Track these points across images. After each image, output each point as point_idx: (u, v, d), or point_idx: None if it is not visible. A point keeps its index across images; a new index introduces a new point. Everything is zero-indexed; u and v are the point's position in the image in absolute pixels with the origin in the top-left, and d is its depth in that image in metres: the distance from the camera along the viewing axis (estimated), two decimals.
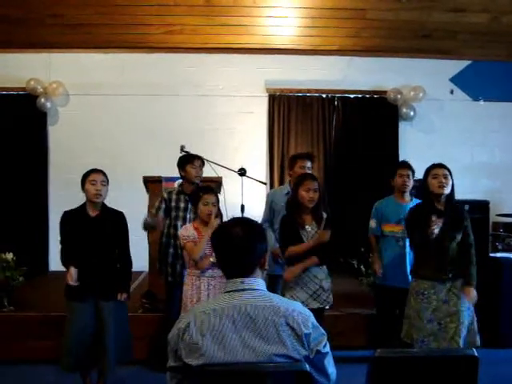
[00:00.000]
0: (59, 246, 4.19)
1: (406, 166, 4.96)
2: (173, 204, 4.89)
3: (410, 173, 4.92)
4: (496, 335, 5.41)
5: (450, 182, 4.15)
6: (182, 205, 4.89)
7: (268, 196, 5.46)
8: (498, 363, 4.89)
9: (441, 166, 4.21)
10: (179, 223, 4.83)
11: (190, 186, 4.92)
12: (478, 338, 4.15)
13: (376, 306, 5.23)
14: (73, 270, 4.03)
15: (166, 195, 4.94)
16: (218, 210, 4.35)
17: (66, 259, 4.13)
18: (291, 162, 5.31)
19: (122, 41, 7.65)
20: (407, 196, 4.95)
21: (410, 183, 4.92)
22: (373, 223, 5.02)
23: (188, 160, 4.96)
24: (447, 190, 4.13)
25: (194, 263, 4.15)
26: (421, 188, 4.39)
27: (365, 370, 2.31)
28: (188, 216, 4.83)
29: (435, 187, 4.13)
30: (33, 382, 4.65)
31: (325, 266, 4.34)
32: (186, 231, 4.24)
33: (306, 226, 4.28)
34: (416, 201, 4.82)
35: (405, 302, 4.32)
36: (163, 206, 4.91)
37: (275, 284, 4.74)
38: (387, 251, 4.94)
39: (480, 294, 4.25)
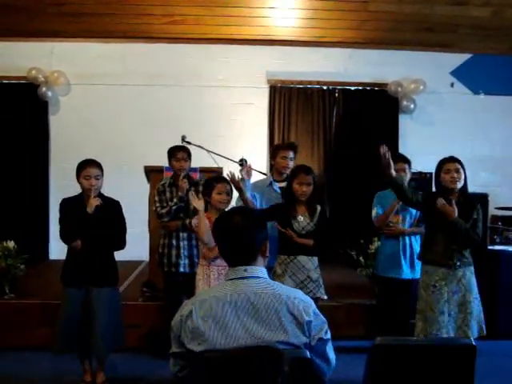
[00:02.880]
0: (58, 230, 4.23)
1: (402, 159, 4.94)
2: (167, 195, 4.92)
3: (406, 166, 4.90)
4: (494, 327, 5.44)
5: (463, 176, 4.16)
6: (168, 195, 4.92)
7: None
8: (497, 354, 4.93)
9: (453, 159, 4.20)
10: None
11: (177, 178, 4.91)
12: (484, 327, 4.19)
13: (377, 296, 5.28)
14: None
15: (161, 187, 4.98)
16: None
17: (69, 235, 4.17)
18: (273, 151, 5.30)
19: (123, 30, 7.65)
20: None
21: (407, 177, 4.91)
22: (375, 211, 4.99)
23: (171, 153, 4.96)
24: (460, 185, 4.15)
25: (206, 252, 4.19)
26: (420, 180, 4.42)
27: (363, 359, 2.34)
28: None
29: (448, 182, 4.14)
30: (33, 368, 4.67)
31: (315, 258, 4.36)
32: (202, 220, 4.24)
33: (299, 217, 4.32)
34: None
35: (402, 294, 4.35)
36: (162, 195, 4.94)
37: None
38: (385, 242, 4.99)
39: (478, 286, 4.28)
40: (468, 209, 4.18)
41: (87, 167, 4.16)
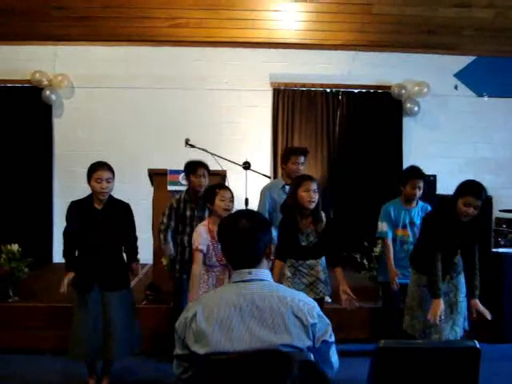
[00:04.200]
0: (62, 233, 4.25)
1: (419, 176, 4.77)
2: (180, 212, 4.88)
3: (422, 183, 4.76)
4: (498, 330, 5.43)
5: (477, 212, 3.89)
6: (188, 213, 4.88)
7: (264, 190, 5.35)
8: (501, 358, 4.91)
9: (478, 195, 3.85)
10: (187, 229, 4.85)
11: (195, 195, 4.87)
12: (466, 323, 4.17)
13: (382, 301, 5.27)
14: (66, 280, 4.13)
15: (174, 204, 4.90)
16: None
17: (68, 256, 4.22)
18: (284, 156, 5.28)
19: (127, 34, 7.65)
20: (414, 202, 4.87)
21: (420, 193, 4.78)
22: (384, 226, 4.85)
23: (191, 169, 4.85)
24: (469, 218, 3.94)
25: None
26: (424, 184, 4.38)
27: (366, 362, 2.34)
28: (194, 224, 4.79)
29: (462, 215, 3.90)
30: (37, 371, 4.67)
31: (323, 258, 4.35)
32: (200, 236, 4.20)
33: (306, 230, 4.26)
34: (421, 204, 4.84)
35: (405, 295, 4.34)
36: (172, 212, 4.88)
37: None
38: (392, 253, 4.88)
39: (482, 289, 4.27)
40: (474, 232, 4.09)
41: (99, 170, 4.13)
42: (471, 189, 3.88)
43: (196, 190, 4.85)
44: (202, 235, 4.20)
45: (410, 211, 4.83)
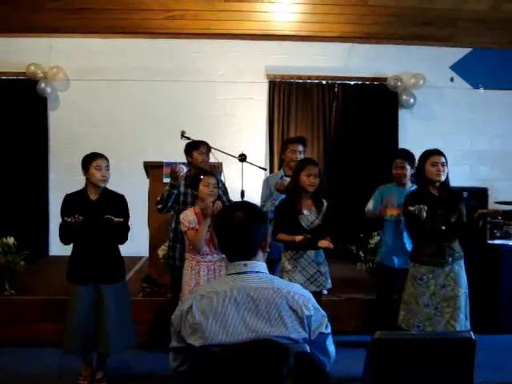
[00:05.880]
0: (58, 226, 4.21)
1: (402, 156, 4.97)
2: (181, 190, 4.86)
3: (407, 163, 4.93)
4: (494, 321, 5.45)
5: (447, 170, 4.21)
6: (189, 191, 4.87)
7: (264, 181, 5.42)
8: (497, 349, 4.92)
9: (439, 153, 4.23)
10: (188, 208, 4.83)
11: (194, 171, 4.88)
12: (468, 323, 4.20)
13: (376, 287, 5.28)
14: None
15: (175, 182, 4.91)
16: (218, 194, 4.39)
17: (67, 236, 4.16)
18: (283, 146, 5.42)
19: (122, 26, 7.61)
20: (408, 183, 4.98)
21: (408, 173, 4.94)
22: (370, 205, 5.07)
23: (194, 146, 5.00)
24: (444, 178, 4.19)
25: (194, 249, 4.21)
26: (416, 173, 4.45)
27: (361, 354, 2.34)
28: (195, 202, 4.80)
29: (433, 175, 4.17)
30: (33, 364, 4.67)
31: (322, 251, 4.36)
32: (187, 217, 4.27)
33: (305, 211, 4.29)
34: (415, 187, 4.86)
35: (403, 285, 4.35)
36: (173, 193, 4.82)
37: (272, 269, 4.72)
38: (388, 234, 4.98)
39: (478, 280, 4.28)
40: (453, 201, 4.23)
41: (97, 159, 4.16)
42: (430, 150, 4.27)
43: (198, 167, 4.88)
44: (189, 216, 4.27)
45: (403, 192, 4.84)
